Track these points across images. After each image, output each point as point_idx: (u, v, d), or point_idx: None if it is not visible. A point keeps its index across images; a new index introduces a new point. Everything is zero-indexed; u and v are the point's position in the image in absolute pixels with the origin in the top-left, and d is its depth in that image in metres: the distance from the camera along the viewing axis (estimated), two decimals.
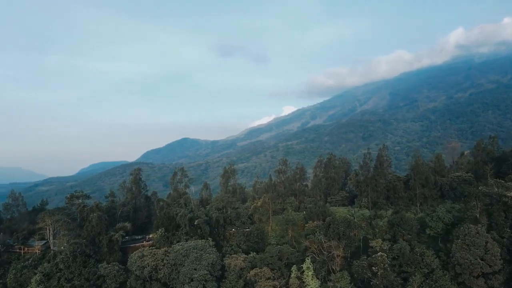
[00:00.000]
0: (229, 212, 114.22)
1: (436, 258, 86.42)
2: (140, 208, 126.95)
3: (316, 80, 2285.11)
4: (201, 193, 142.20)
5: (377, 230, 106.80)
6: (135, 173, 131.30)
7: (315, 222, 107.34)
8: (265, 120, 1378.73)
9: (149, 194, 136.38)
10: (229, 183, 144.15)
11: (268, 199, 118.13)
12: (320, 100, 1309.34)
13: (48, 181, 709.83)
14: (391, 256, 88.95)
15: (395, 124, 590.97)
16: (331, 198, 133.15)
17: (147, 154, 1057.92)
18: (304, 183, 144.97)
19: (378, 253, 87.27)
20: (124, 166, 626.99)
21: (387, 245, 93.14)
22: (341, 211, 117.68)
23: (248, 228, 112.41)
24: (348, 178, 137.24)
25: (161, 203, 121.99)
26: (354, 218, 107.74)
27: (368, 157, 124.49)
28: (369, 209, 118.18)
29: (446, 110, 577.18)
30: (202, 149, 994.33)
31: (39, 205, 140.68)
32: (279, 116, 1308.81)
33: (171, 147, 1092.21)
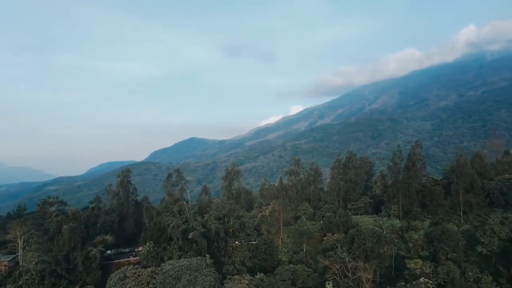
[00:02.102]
0: (231, 222, 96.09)
1: (497, 286, 67.12)
2: (127, 216, 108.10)
3: (324, 79, 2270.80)
4: (199, 198, 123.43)
5: (411, 245, 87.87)
6: (123, 175, 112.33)
7: (335, 235, 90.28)
8: (272, 119, 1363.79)
9: (139, 199, 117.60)
10: (232, 187, 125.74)
11: (278, 206, 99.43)
12: (328, 99, 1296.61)
13: (57, 181, 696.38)
14: (435, 282, 70.40)
15: (405, 123, 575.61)
16: (352, 205, 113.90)
17: (154, 154, 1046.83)
18: (319, 186, 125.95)
19: (421, 279, 68.14)
20: (132, 165, 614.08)
21: (430, 267, 74.24)
22: (366, 221, 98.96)
23: (255, 241, 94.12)
24: (372, 181, 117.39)
25: (152, 211, 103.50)
26: (383, 231, 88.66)
27: (398, 156, 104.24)
28: (400, 219, 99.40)
29: (458, 108, 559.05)
30: (210, 148, 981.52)
31: (15, 211, 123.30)
32: (287, 115, 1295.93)
33: (179, 147, 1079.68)
